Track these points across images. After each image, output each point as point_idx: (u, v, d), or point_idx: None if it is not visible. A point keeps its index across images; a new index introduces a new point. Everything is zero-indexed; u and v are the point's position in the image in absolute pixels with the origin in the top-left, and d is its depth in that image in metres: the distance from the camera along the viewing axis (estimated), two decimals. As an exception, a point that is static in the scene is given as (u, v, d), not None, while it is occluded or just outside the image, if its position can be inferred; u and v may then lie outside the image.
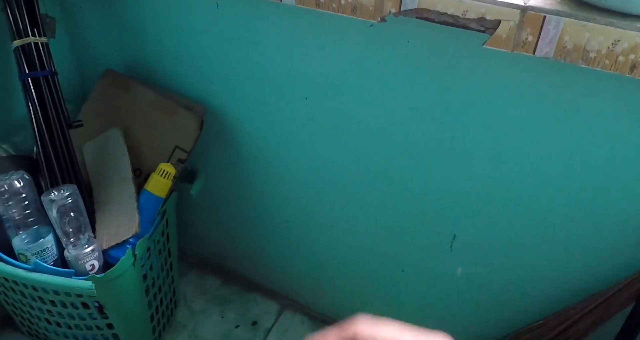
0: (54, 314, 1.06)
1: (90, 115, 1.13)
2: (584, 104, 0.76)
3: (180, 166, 1.09)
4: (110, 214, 1.04)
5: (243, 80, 1.05)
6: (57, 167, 1.01)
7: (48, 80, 1.01)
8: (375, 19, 0.77)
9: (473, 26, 0.71)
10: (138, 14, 1.08)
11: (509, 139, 0.85)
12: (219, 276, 1.45)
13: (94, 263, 0.97)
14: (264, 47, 0.97)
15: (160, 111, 1.11)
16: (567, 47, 0.65)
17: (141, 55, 1.16)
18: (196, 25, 1.02)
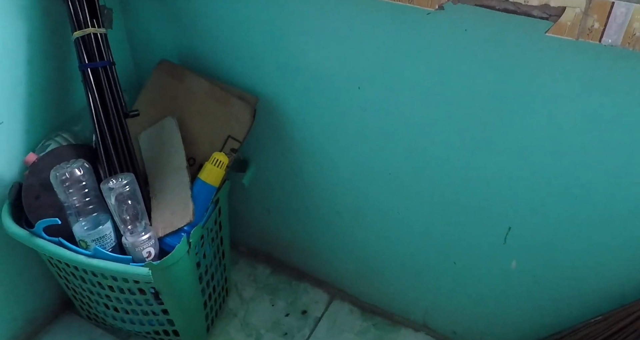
0: (112, 299, 1.10)
1: (146, 105, 1.15)
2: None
3: (233, 156, 1.10)
4: (165, 202, 1.06)
5: (296, 70, 1.05)
6: (115, 155, 1.04)
7: (106, 71, 1.03)
8: (432, 7, 0.76)
9: (535, 13, 0.69)
10: (192, 5, 1.10)
11: (572, 130, 0.82)
12: (269, 265, 1.47)
13: (150, 250, 0.99)
14: (318, 37, 0.97)
15: (213, 101, 1.12)
16: (637, 34, 0.62)
17: (195, 46, 1.17)
18: (249, 15, 1.03)
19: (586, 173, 0.85)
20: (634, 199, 0.83)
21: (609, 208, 0.86)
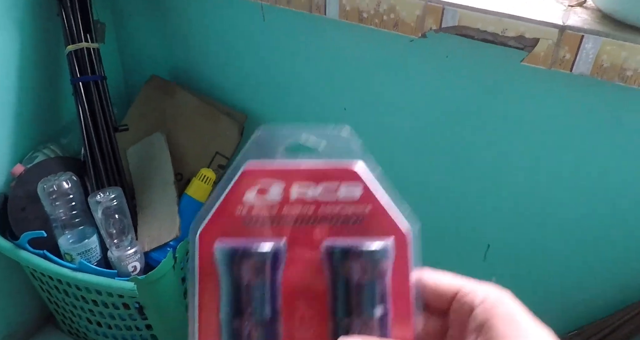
0: (95, 313, 1.10)
1: (135, 120, 1.17)
2: (621, 120, 0.76)
3: (221, 172, 1.12)
4: (152, 217, 1.07)
5: (284, 90, 1.08)
6: (103, 169, 1.05)
7: (97, 85, 1.05)
8: (416, 34, 0.79)
9: (512, 44, 0.72)
10: (185, 23, 1.12)
11: (546, 152, 0.85)
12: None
13: (136, 264, 1.00)
14: (306, 58, 1.00)
15: (202, 117, 1.14)
16: (604, 65, 0.66)
17: (186, 63, 1.19)
18: (241, 36, 1.05)
19: (560, 192, 0.88)
20: (605, 217, 0.86)
21: (582, 225, 0.90)
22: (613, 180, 0.82)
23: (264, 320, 0.31)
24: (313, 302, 0.32)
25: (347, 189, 0.32)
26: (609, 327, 0.93)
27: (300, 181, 0.32)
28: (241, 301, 0.31)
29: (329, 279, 0.32)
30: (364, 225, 0.33)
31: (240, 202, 0.32)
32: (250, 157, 0.32)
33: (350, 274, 0.31)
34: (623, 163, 0.80)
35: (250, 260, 0.31)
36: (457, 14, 0.73)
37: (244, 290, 0.31)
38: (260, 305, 0.31)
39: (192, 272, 0.32)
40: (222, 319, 0.31)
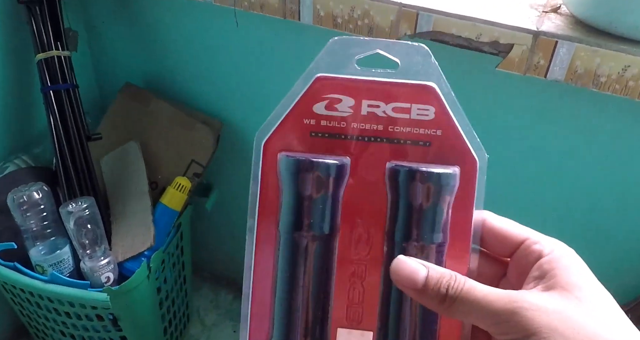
0: (69, 325, 1.08)
1: (109, 128, 1.15)
2: (596, 126, 0.76)
3: (196, 180, 1.11)
4: (126, 226, 1.06)
5: (260, 97, 1.07)
6: (75, 179, 1.03)
7: (69, 93, 1.03)
8: (391, 39, 0.79)
9: (486, 49, 0.72)
10: (159, 30, 1.11)
11: (521, 159, 0.85)
12: (232, 290, 1.46)
13: (109, 275, 0.98)
14: (281, 64, 0.99)
15: (177, 125, 1.13)
16: (578, 71, 0.66)
17: (160, 70, 1.18)
18: (215, 43, 1.04)
19: (535, 201, 0.88)
20: (581, 224, 0.87)
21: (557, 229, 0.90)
22: (588, 184, 0.83)
23: (322, 234, 0.31)
24: (371, 223, 0.32)
25: (420, 109, 0.31)
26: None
27: (372, 98, 0.31)
28: (301, 213, 0.30)
29: (390, 201, 0.31)
30: (433, 148, 0.32)
31: (309, 114, 0.32)
32: (321, 68, 0.32)
33: (413, 196, 0.30)
34: (597, 168, 0.80)
35: (314, 173, 0.30)
36: (431, 19, 0.72)
37: (306, 202, 0.30)
38: (319, 219, 0.31)
39: (254, 182, 0.32)
40: (281, 230, 0.31)
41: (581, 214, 0.87)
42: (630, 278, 0.90)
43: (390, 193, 0.31)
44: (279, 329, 0.31)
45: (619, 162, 0.78)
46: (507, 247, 0.33)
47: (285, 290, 0.31)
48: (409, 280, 0.29)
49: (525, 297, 0.28)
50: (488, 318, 0.28)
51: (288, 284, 0.31)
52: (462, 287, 0.28)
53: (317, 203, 0.31)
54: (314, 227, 0.31)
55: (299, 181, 0.30)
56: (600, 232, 0.88)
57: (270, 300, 0.32)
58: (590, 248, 0.90)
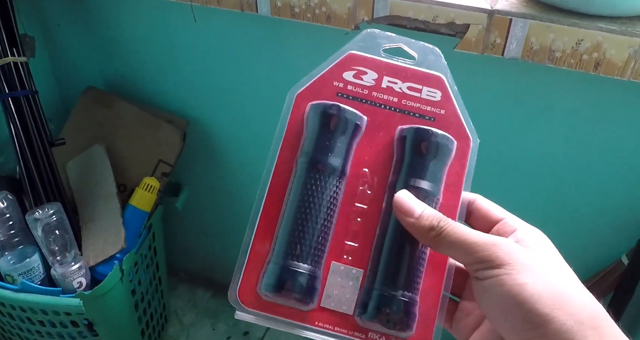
0: (44, 334, 1.06)
1: (72, 133, 1.13)
2: (555, 102, 0.77)
3: (165, 180, 1.10)
4: (95, 230, 1.04)
5: (224, 92, 1.06)
6: (40, 185, 1.01)
7: (29, 100, 1.01)
8: (349, 27, 0.79)
9: (443, 31, 0.72)
10: (116, 30, 1.09)
11: (485, 138, 0.86)
12: (209, 289, 1.45)
13: (81, 280, 0.97)
14: (242, 59, 0.99)
15: (142, 126, 1.12)
16: (534, 48, 0.67)
17: (122, 71, 1.16)
18: (175, 40, 1.03)
19: (499, 178, 0.89)
20: (545, 199, 0.88)
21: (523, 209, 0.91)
22: (550, 162, 0.84)
23: (333, 172, 0.35)
24: (376, 175, 0.37)
25: (429, 91, 0.38)
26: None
27: (391, 76, 0.38)
28: (319, 150, 0.35)
29: (395, 160, 0.37)
30: (436, 124, 0.37)
31: (339, 78, 0.38)
32: (353, 49, 0.39)
33: (417, 150, 0.36)
34: (555, 143, 0.82)
35: (338, 115, 0.36)
36: (387, 4, 0.73)
37: (324, 141, 0.36)
38: (333, 157, 0.35)
39: (280, 129, 0.37)
40: (298, 164, 0.36)
41: (545, 191, 0.88)
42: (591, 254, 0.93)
43: (396, 153, 0.37)
44: (280, 247, 0.35)
45: (581, 135, 0.79)
46: (487, 224, 0.37)
47: (292, 214, 0.35)
48: (408, 209, 0.34)
49: (504, 239, 0.33)
50: (469, 248, 0.32)
51: (296, 209, 0.35)
52: (450, 223, 0.33)
53: (334, 143, 0.35)
54: (327, 163, 0.35)
55: (323, 119, 0.36)
56: (564, 208, 0.89)
57: (277, 220, 0.36)
58: (555, 224, 0.91)
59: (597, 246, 0.90)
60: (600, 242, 0.90)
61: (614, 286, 0.88)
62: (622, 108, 0.75)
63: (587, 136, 0.79)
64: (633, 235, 0.85)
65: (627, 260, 0.85)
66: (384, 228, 0.36)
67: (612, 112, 0.76)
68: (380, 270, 0.35)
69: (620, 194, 0.84)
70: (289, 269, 0.34)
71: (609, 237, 0.89)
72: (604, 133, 0.78)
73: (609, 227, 0.88)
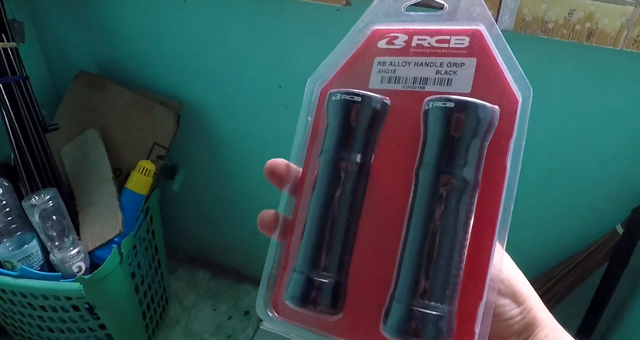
0: (45, 319, 1.07)
1: (66, 118, 1.13)
2: (549, 73, 0.77)
3: (160, 162, 1.10)
4: (93, 215, 1.04)
5: (216, 73, 1.05)
6: (35, 172, 1.01)
7: (20, 86, 1.01)
8: (340, 3, 0.78)
9: (435, 4, 0.72)
10: (106, 14, 1.08)
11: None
12: (209, 270, 1.46)
13: (80, 265, 0.97)
14: (233, 38, 0.98)
15: (136, 109, 1.11)
16: (527, 19, 0.66)
17: (113, 55, 1.15)
18: (165, 22, 1.02)
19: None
20: (541, 171, 0.88)
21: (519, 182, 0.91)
22: (546, 133, 0.84)
23: (359, 170, 0.32)
24: (402, 165, 0.32)
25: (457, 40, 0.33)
26: (551, 280, 0.96)
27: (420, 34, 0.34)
28: (341, 145, 0.32)
29: (422, 140, 0.31)
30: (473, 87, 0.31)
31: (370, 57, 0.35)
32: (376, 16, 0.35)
33: (440, 129, 0.30)
34: (550, 114, 0.81)
35: (360, 106, 0.32)
36: (378, -21, 0.72)
37: (347, 135, 0.32)
38: (358, 153, 0.32)
39: (301, 126, 0.35)
40: (320, 160, 0.33)
41: (540, 162, 0.89)
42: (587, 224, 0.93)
43: (423, 130, 0.31)
44: (304, 255, 0.32)
45: (575, 106, 0.79)
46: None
47: (315, 220, 0.32)
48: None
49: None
50: None
51: (319, 214, 0.32)
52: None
53: (356, 136, 0.32)
54: (349, 160, 0.32)
55: (343, 110, 0.32)
56: (559, 179, 0.90)
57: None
58: (551, 195, 0.92)
59: (593, 216, 0.91)
60: (596, 212, 0.90)
61: (609, 256, 0.89)
62: (615, 77, 0.75)
63: (582, 106, 0.79)
64: (627, 205, 0.86)
65: (621, 229, 0.86)
66: (409, 226, 0.30)
67: (606, 82, 0.76)
68: (404, 277, 0.29)
69: (614, 164, 0.84)
70: (313, 279, 0.31)
71: (604, 208, 0.89)
72: (599, 103, 0.78)
73: (604, 198, 0.88)
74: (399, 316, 0.29)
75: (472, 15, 0.32)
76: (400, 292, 0.29)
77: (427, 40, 0.33)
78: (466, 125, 0.29)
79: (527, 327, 0.32)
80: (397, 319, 0.29)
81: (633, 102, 0.76)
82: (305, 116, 0.35)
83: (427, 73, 0.32)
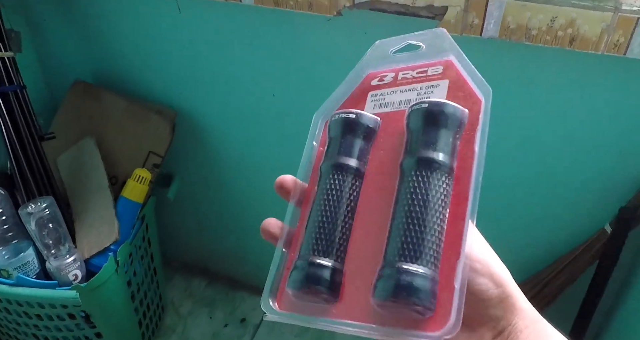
0: (41, 328, 1.07)
1: (62, 127, 1.14)
2: (534, 78, 0.79)
3: (156, 171, 1.11)
4: (89, 223, 1.05)
5: (211, 82, 1.07)
6: (32, 180, 1.02)
7: (17, 95, 1.02)
8: (331, 13, 0.80)
9: (423, 14, 0.73)
10: (102, 24, 1.10)
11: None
12: (204, 278, 1.47)
13: (76, 273, 0.98)
14: (228, 48, 0.99)
15: (132, 118, 1.12)
16: (511, 26, 0.68)
17: (109, 64, 1.17)
18: (161, 31, 1.04)
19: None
20: (529, 174, 0.90)
21: (508, 185, 0.93)
22: (532, 136, 0.86)
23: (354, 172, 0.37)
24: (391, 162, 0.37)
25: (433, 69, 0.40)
26: (542, 282, 0.97)
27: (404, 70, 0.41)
28: (339, 152, 0.38)
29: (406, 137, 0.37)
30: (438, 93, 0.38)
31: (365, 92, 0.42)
32: (369, 61, 0.42)
33: (418, 123, 0.35)
34: (536, 118, 0.83)
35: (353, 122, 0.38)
36: (367, -11, 0.74)
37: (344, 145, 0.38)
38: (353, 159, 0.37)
39: (307, 153, 0.41)
40: (322, 167, 0.38)
41: (529, 165, 0.90)
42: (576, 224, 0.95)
43: (406, 132, 0.37)
44: (305, 245, 0.36)
45: (561, 109, 0.81)
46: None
47: (316, 214, 0.36)
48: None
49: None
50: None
51: (318, 208, 0.37)
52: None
53: (352, 146, 0.38)
54: (345, 164, 0.37)
55: (341, 127, 0.38)
56: (548, 181, 0.91)
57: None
58: (540, 197, 0.93)
59: (581, 216, 0.92)
60: (584, 212, 0.91)
61: (599, 255, 0.90)
62: (598, 80, 0.77)
63: (567, 110, 0.80)
64: (615, 204, 0.87)
65: (610, 228, 0.87)
66: (395, 206, 0.34)
67: (589, 86, 0.77)
68: (390, 246, 0.33)
69: (600, 164, 0.85)
70: (313, 263, 0.34)
71: (592, 207, 0.91)
72: (583, 105, 0.79)
73: (592, 197, 0.90)
74: (386, 279, 0.31)
75: (444, 49, 0.39)
76: (387, 259, 0.32)
77: (410, 73, 0.41)
78: (439, 118, 0.35)
79: (505, 313, 0.32)
80: (384, 281, 0.31)
81: (615, 104, 0.78)
82: (312, 141, 0.41)
83: (410, 96, 0.39)
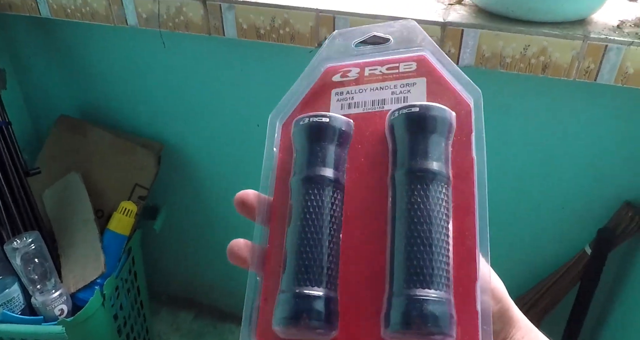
0: (27, 364, 1.06)
1: (47, 162, 1.14)
2: (510, 104, 0.82)
3: (142, 203, 1.11)
4: (75, 256, 1.05)
5: (196, 114, 1.08)
6: (17, 215, 1.02)
7: (2, 131, 1.02)
8: (312, 45, 0.82)
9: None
10: (87, 59, 1.11)
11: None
12: (191, 310, 1.46)
13: (62, 307, 0.97)
14: (213, 81, 1.01)
15: (117, 152, 1.13)
16: (486, 55, 0.71)
17: (94, 99, 1.18)
18: (146, 66, 1.06)
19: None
20: (508, 199, 0.92)
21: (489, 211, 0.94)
22: (510, 160, 0.88)
23: (332, 184, 0.32)
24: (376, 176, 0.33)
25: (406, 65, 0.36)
26: (525, 305, 0.98)
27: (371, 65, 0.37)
28: (310, 163, 0.32)
29: (390, 146, 0.33)
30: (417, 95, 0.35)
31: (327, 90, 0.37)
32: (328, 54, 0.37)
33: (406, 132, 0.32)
34: (513, 144, 0.85)
35: (323, 125, 0.33)
36: (347, 21, 0.76)
37: (315, 154, 0.33)
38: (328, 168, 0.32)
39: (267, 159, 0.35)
40: (292, 182, 0.33)
41: (508, 190, 0.92)
42: (556, 247, 0.96)
43: (391, 140, 0.33)
44: (288, 274, 0.31)
45: (536, 133, 0.84)
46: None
47: (295, 237, 0.31)
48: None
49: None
50: None
51: (298, 230, 0.31)
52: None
53: (324, 154, 0.33)
54: (320, 176, 0.32)
55: (308, 132, 0.33)
56: (528, 205, 0.93)
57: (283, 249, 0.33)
58: (521, 221, 0.95)
59: (561, 239, 0.94)
60: (564, 235, 0.93)
61: (580, 276, 0.92)
62: (570, 105, 0.80)
63: (542, 135, 0.83)
64: (594, 226, 0.89)
65: (590, 250, 0.89)
66: (393, 226, 0.30)
67: (562, 109, 0.80)
68: (396, 271, 0.29)
69: (578, 188, 0.88)
70: (302, 294, 0.29)
71: (571, 229, 0.93)
72: (557, 130, 0.82)
73: (570, 219, 0.92)
74: (400, 308, 0.28)
75: (416, 43, 0.36)
76: (397, 287, 0.29)
77: (378, 69, 0.36)
78: (431, 123, 0.31)
79: (504, 326, 0.33)
80: (399, 311, 0.28)
81: (587, 127, 0.81)
82: (271, 148, 0.36)
83: (384, 95, 0.35)
